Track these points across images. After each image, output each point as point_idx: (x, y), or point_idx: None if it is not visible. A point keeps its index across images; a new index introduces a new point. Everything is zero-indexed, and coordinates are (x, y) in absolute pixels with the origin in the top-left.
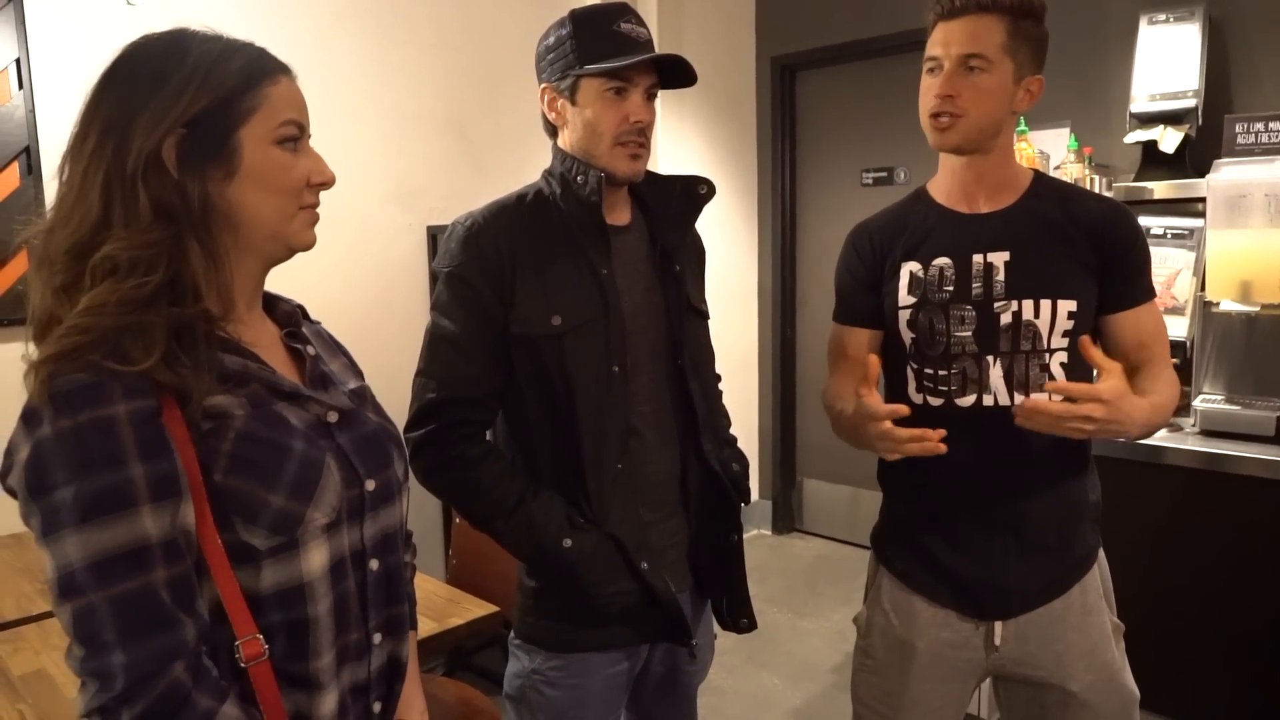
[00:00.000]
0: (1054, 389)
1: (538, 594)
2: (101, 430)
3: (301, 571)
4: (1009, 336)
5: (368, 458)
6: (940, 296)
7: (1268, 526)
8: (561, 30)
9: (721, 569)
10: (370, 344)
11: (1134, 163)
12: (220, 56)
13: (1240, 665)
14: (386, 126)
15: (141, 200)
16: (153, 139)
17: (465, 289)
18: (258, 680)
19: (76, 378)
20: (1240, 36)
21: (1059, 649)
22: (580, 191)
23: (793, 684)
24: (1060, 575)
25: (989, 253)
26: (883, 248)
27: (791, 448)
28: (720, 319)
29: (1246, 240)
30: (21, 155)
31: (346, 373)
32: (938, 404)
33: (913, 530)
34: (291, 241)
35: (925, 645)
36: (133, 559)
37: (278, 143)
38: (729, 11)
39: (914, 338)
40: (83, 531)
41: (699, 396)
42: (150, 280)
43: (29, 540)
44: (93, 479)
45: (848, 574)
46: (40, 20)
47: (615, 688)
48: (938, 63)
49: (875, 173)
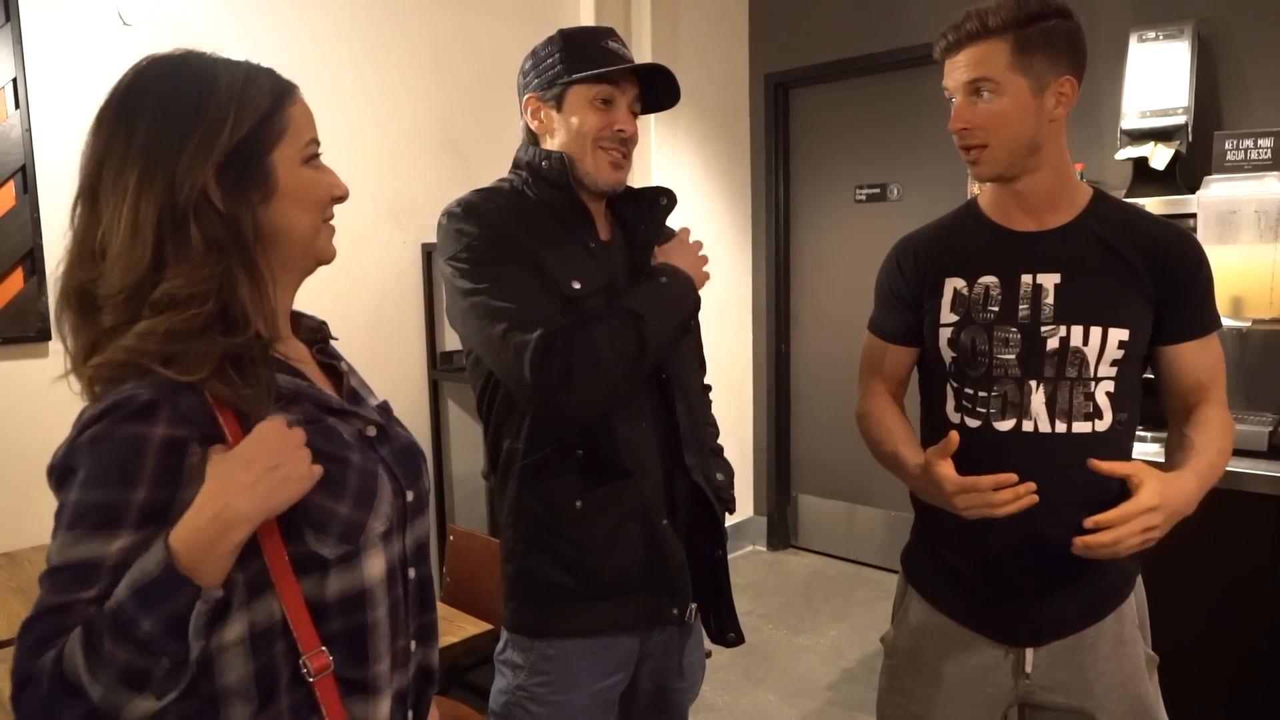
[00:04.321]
0: (1090, 524)
1: (521, 575)
2: (127, 448)
3: (364, 578)
4: (1054, 363)
5: (406, 469)
6: (985, 316)
7: (1262, 541)
8: (550, 45)
9: (708, 582)
10: (364, 362)
11: (1125, 179)
12: (248, 82)
13: (1237, 680)
14: (381, 143)
15: (193, 235)
16: (202, 173)
17: (491, 249)
18: (323, 693)
19: (130, 391)
20: (1229, 54)
21: (1090, 678)
22: (549, 174)
23: (788, 701)
24: (1095, 602)
25: (1039, 274)
26: (927, 262)
27: (786, 463)
28: (715, 334)
29: (1237, 256)
30: (18, 174)
31: (365, 389)
32: (975, 425)
33: (944, 552)
34: (320, 255)
35: (954, 670)
36: (84, 572)
37: (305, 161)
38: (723, 28)
39: (955, 357)
40: (65, 536)
41: (683, 411)
42: (201, 312)
43: (22, 559)
44: (98, 490)
45: (843, 590)
46: (37, 40)
47: (602, 703)
48: (951, 93)
49: (868, 189)
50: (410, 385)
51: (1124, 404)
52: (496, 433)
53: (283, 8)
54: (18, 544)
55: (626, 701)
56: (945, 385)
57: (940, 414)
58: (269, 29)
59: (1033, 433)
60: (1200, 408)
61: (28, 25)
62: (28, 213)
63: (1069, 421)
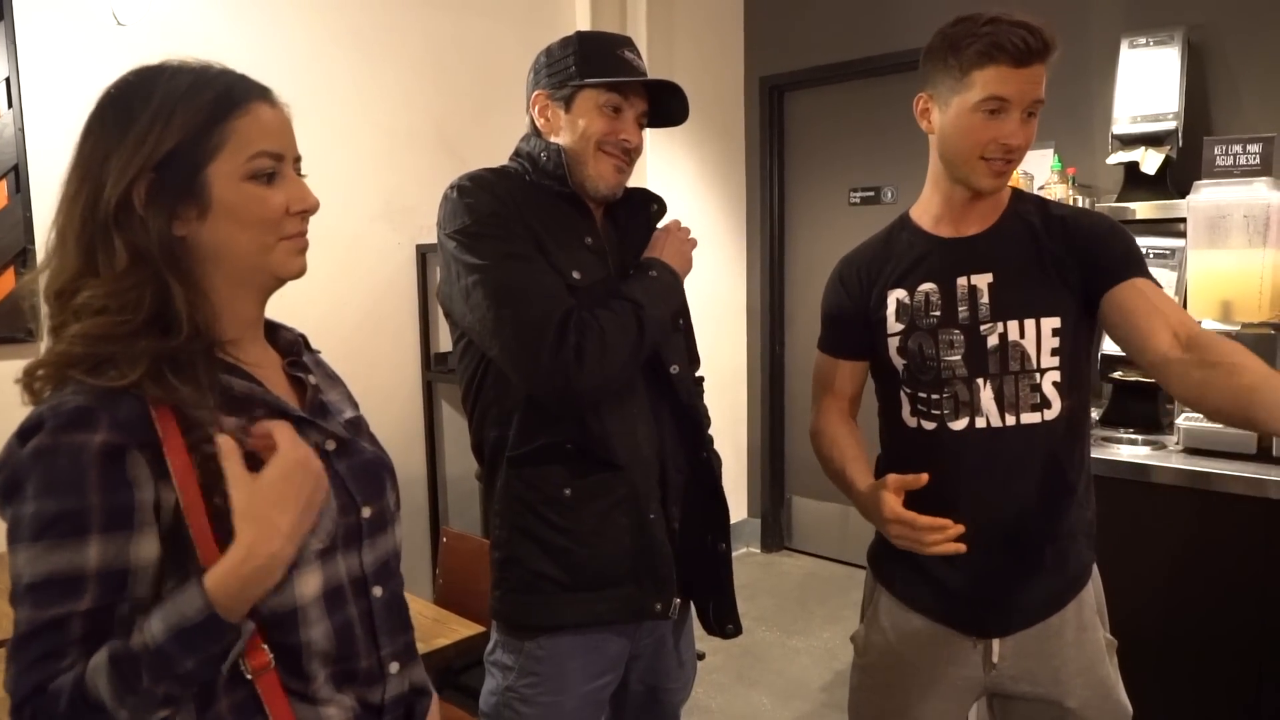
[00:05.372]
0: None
1: (507, 563)
2: (71, 456)
3: (295, 596)
4: (997, 358)
5: (364, 485)
6: (928, 321)
7: (1250, 543)
8: (567, 45)
9: (710, 574)
10: (359, 362)
11: (1117, 183)
12: (186, 94)
13: (1224, 679)
14: (377, 145)
15: (117, 245)
16: (122, 184)
17: (499, 225)
18: (266, 691)
19: (73, 399)
20: (1219, 60)
21: (1056, 665)
22: (546, 166)
23: (782, 703)
24: (1057, 592)
25: (973, 275)
26: (869, 279)
27: (780, 465)
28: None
29: (1227, 260)
30: (10, 174)
31: (344, 402)
32: (931, 428)
33: None
34: (278, 272)
35: (925, 663)
36: (66, 585)
37: (249, 177)
38: (718, 31)
39: (905, 363)
40: (32, 549)
41: (684, 402)
42: (132, 320)
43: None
44: (53, 499)
45: (837, 592)
46: (30, 39)
47: (592, 704)
48: (1003, 105)
49: (863, 192)
50: (404, 386)
51: (1071, 392)
52: (482, 421)
53: (278, 8)
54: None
55: (618, 703)
56: (899, 392)
57: (898, 420)
58: (264, 29)
59: (985, 428)
60: (1191, 339)
61: (21, 24)
62: (20, 212)
63: (1017, 414)
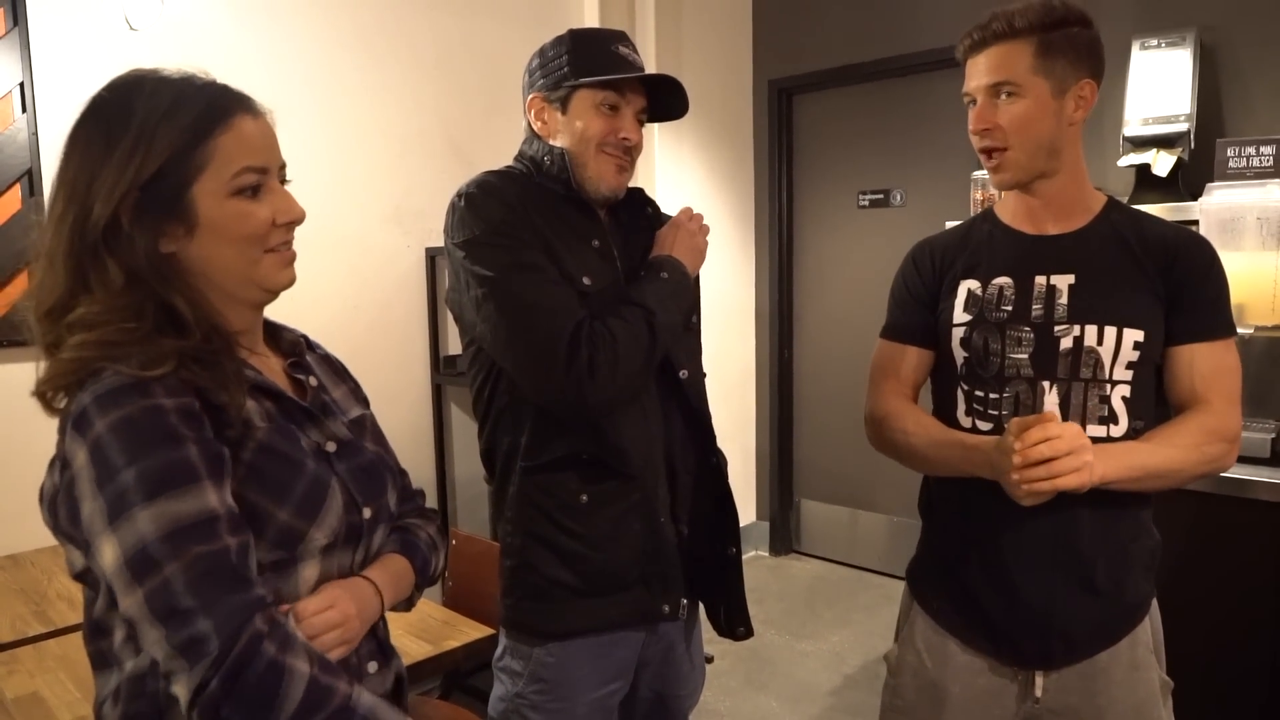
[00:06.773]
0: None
1: (520, 570)
2: (152, 416)
3: (296, 588)
4: (1068, 362)
5: (365, 486)
6: (997, 316)
7: (1264, 547)
8: (559, 45)
9: (720, 576)
10: (369, 364)
11: (1128, 185)
12: (168, 112)
13: (1240, 688)
14: (386, 148)
15: (110, 266)
16: (110, 206)
17: (509, 234)
18: None
19: (113, 380)
20: (1231, 61)
21: (1101, 704)
22: (551, 170)
23: (791, 706)
24: (1110, 624)
25: (1053, 274)
26: (943, 264)
27: (789, 468)
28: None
29: (1239, 263)
30: (24, 178)
31: (349, 400)
32: (986, 429)
33: (952, 565)
34: (265, 285)
35: (959, 691)
36: (204, 527)
37: (234, 194)
38: (727, 35)
39: (966, 357)
40: (153, 505)
41: (696, 407)
42: (140, 327)
43: (25, 561)
44: (154, 456)
45: (846, 596)
46: (44, 44)
47: (601, 711)
48: (971, 98)
49: (871, 195)
50: (413, 389)
51: (1140, 412)
52: (494, 427)
53: (288, 12)
54: (20, 546)
55: (627, 710)
56: (956, 389)
57: (951, 420)
58: (274, 33)
59: None
60: (1189, 408)
61: (35, 30)
62: (34, 217)
63: (1083, 424)
